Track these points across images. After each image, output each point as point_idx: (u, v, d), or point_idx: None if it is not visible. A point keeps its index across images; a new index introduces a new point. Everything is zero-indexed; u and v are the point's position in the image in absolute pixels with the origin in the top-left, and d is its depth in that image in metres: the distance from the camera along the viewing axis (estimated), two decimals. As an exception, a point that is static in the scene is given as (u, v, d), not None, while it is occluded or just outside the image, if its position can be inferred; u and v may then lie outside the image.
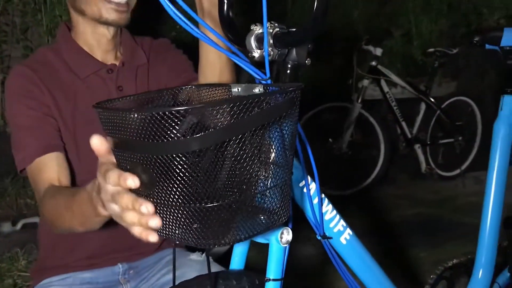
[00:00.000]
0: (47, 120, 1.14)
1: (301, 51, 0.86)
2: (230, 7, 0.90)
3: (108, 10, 1.15)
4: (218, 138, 0.65)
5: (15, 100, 1.14)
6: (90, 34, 1.21)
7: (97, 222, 0.87)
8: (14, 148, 1.15)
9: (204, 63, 1.09)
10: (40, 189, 1.09)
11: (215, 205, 0.68)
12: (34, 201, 2.66)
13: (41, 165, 1.10)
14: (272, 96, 0.70)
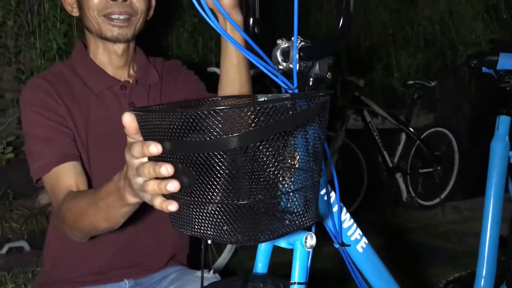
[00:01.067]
0: (63, 130, 1.16)
1: (323, 64, 0.92)
2: (255, 24, 0.95)
3: (107, 27, 1.19)
4: (254, 138, 0.69)
5: (31, 111, 1.15)
6: (101, 50, 1.25)
7: (121, 214, 0.88)
8: (30, 158, 1.16)
9: (225, 80, 1.13)
10: (58, 196, 1.09)
11: (245, 203, 0.72)
12: (19, 225, 2.61)
13: (59, 173, 1.11)
14: (300, 102, 0.75)
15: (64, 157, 1.12)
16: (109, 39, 1.21)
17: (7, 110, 2.62)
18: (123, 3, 1.18)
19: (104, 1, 1.17)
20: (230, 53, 1.10)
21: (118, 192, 0.81)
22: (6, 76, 2.58)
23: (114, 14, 1.18)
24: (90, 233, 1.04)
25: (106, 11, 1.18)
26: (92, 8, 1.18)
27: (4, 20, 2.46)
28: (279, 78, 0.87)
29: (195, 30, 2.99)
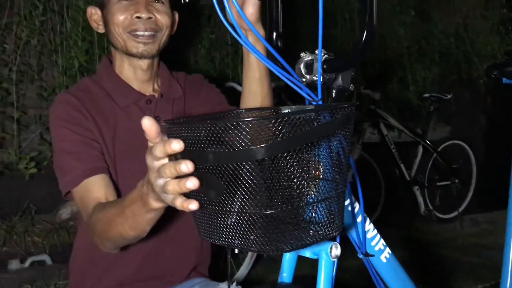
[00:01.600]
0: (91, 144, 1.18)
1: (346, 77, 0.94)
2: (278, 37, 0.98)
3: (132, 43, 1.22)
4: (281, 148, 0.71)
5: (60, 125, 1.18)
6: (126, 66, 1.28)
7: (147, 221, 0.89)
8: (59, 171, 1.19)
9: (247, 93, 1.15)
10: (88, 208, 1.11)
11: (271, 213, 0.73)
12: (41, 239, 2.65)
13: (88, 186, 1.13)
14: (324, 114, 0.77)
15: (93, 170, 1.15)
16: (134, 55, 1.24)
17: (30, 127, 2.67)
18: (148, 20, 1.21)
19: (130, 18, 1.20)
20: (252, 67, 1.12)
21: (142, 199, 0.82)
22: (29, 93, 2.64)
23: (139, 30, 1.21)
24: (119, 242, 1.05)
25: (131, 28, 1.21)
26: (118, 25, 1.21)
27: (28, 39, 2.53)
28: (303, 90, 0.89)
29: (212, 47, 3.05)
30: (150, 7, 1.21)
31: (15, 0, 2.48)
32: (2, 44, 2.49)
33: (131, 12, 1.20)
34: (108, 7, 1.22)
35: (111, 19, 1.22)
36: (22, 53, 2.54)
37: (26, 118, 2.66)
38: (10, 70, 2.50)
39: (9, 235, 2.58)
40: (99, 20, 1.28)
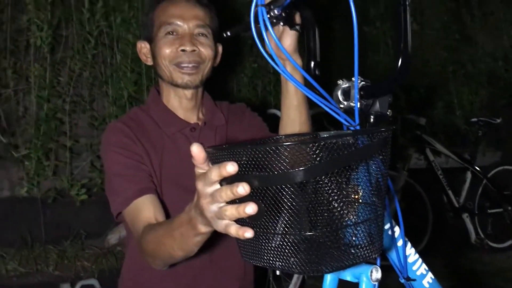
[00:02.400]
0: (140, 166, 1.24)
1: (383, 102, 0.95)
2: (316, 66, 1.01)
3: (178, 75, 1.29)
4: (319, 171, 0.72)
5: (111, 150, 1.25)
6: (172, 95, 1.34)
7: (195, 243, 0.91)
8: (110, 194, 1.24)
9: (285, 120, 1.18)
10: (138, 228, 1.15)
11: (310, 235, 0.75)
12: (90, 263, 2.74)
13: (138, 206, 1.17)
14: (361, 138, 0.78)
15: (142, 190, 1.20)
16: (179, 85, 1.30)
17: (82, 155, 2.80)
18: (192, 53, 1.27)
19: (175, 51, 1.27)
20: (290, 94, 1.15)
21: (190, 222, 0.84)
22: (81, 123, 2.79)
23: (184, 63, 1.28)
24: (169, 261, 1.08)
25: (176, 60, 1.28)
26: (164, 58, 1.28)
27: (81, 72, 2.68)
28: (341, 116, 0.91)
29: (254, 75, 3.12)
30: (194, 40, 1.28)
31: (69, 36, 2.64)
32: (57, 77, 2.65)
33: (177, 45, 1.27)
34: (156, 41, 1.30)
35: (159, 52, 1.29)
36: (75, 85, 2.69)
37: (78, 147, 2.79)
38: (64, 101, 2.65)
39: (60, 259, 2.68)
40: (147, 53, 1.35)
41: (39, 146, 2.52)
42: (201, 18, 1.30)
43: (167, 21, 1.28)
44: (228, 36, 1.07)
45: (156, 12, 1.31)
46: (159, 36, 1.29)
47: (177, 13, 1.28)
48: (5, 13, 2.44)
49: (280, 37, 1.07)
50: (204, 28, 1.30)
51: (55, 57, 2.61)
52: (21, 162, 2.58)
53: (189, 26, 1.28)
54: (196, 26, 1.29)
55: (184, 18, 1.28)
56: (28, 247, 2.67)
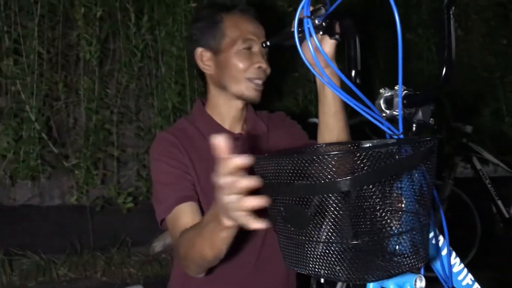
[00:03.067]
0: (185, 176, 1.28)
1: (426, 111, 0.94)
2: (357, 75, 1.01)
3: (249, 89, 1.32)
4: (366, 181, 0.73)
5: (159, 160, 1.30)
6: (224, 106, 1.37)
7: (222, 240, 0.94)
8: (156, 202, 1.29)
9: (323, 128, 1.18)
10: (176, 234, 1.19)
11: (355, 244, 0.75)
12: (136, 270, 2.81)
13: (178, 213, 1.21)
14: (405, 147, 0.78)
15: (183, 198, 1.23)
16: (247, 99, 1.35)
17: (128, 164, 2.89)
18: (264, 71, 1.33)
19: (252, 67, 1.31)
20: (328, 102, 1.15)
21: (216, 217, 0.87)
22: (128, 133, 2.87)
23: (257, 79, 1.33)
24: (200, 264, 1.10)
25: (251, 75, 1.32)
26: (239, 71, 1.31)
27: (128, 84, 2.77)
28: (384, 125, 0.91)
29: (295, 84, 3.13)
30: (264, 58, 1.33)
31: (117, 50, 2.74)
32: (105, 89, 2.75)
33: (252, 61, 1.31)
34: (226, 52, 1.32)
35: (233, 65, 1.32)
36: (122, 96, 2.78)
37: (125, 156, 2.88)
38: (112, 112, 2.74)
39: (107, 265, 2.77)
40: (208, 61, 1.37)
41: (88, 156, 2.62)
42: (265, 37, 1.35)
43: (244, 37, 1.31)
44: (268, 46, 1.09)
45: (227, 23, 1.34)
46: (234, 49, 1.31)
47: (252, 30, 1.33)
48: (57, 30, 2.56)
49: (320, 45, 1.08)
50: (267, 48, 1.32)
51: (103, 70, 2.71)
52: (71, 172, 2.69)
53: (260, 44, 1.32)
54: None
55: (258, 36, 1.33)
56: (78, 253, 2.77)
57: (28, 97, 2.43)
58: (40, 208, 2.83)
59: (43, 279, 2.63)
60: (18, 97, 2.44)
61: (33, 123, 2.45)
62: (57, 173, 2.76)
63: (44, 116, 2.52)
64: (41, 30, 2.47)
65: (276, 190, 0.79)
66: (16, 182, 2.60)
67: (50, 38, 2.54)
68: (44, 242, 2.76)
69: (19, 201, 2.73)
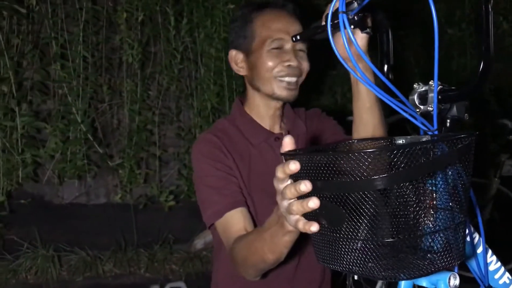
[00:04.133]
0: (231, 179, 1.27)
1: (460, 106, 0.93)
2: (389, 70, 1.01)
3: (280, 88, 1.30)
4: (402, 179, 0.72)
5: (203, 162, 1.29)
6: (262, 106, 1.36)
7: (284, 244, 0.94)
8: (202, 204, 1.28)
9: (358, 123, 1.16)
10: (229, 241, 1.19)
11: (389, 241, 0.75)
12: (178, 266, 2.88)
13: (229, 219, 1.20)
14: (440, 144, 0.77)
15: (233, 204, 1.22)
16: (278, 98, 1.32)
17: (170, 163, 2.96)
18: (296, 68, 1.29)
19: (281, 66, 1.29)
20: (362, 97, 1.13)
21: (279, 221, 0.88)
22: (169, 133, 2.95)
23: (288, 77, 1.29)
24: (260, 267, 1.09)
25: (280, 74, 1.29)
26: (268, 71, 1.29)
27: (168, 86, 2.84)
28: (418, 120, 0.90)
29: (333, 83, 3.12)
30: (297, 55, 1.30)
31: (158, 52, 2.82)
32: (147, 91, 2.83)
33: (281, 59, 1.28)
34: (257, 53, 1.31)
35: (262, 65, 1.30)
36: (163, 98, 2.86)
37: (166, 156, 2.95)
38: (153, 113, 2.82)
39: (151, 262, 2.85)
40: (241, 63, 1.36)
41: (131, 156, 2.70)
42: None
43: (274, 36, 1.29)
44: (298, 40, 1.09)
45: (257, 23, 1.32)
46: (264, 49, 1.29)
47: (282, 28, 1.29)
48: (101, 34, 2.65)
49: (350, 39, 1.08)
50: (303, 44, 1.32)
51: (145, 72, 2.79)
52: (116, 171, 2.78)
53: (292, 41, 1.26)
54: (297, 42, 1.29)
55: (289, 33, 1.28)
56: (122, 250, 2.86)
57: (74, 100, 2.53)
58: (86, 207, 2.95)
59: (90, 274, 2.74)
60: (65, 100, 2.55)
61: (79, 124, 2.55)
62: (102, 172, 2.87)
63: (89, 117, 2.62)
64: (86, 35, 2.56)
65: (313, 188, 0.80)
66: (63, 181, 2.71)
67: (95, 43, 2.64)
68: (91, 239, 2.87)
69: (67, 200, 2.85)
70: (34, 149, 2.47)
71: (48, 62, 2.53)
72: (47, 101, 2.64)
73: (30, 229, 2.75)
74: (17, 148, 2.40)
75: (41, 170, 2.66)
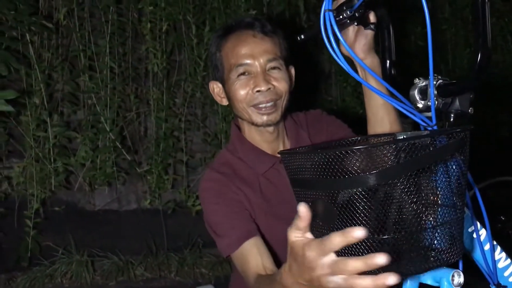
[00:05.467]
0: (240, 211, 1.26)
1: (463, 100, 0.92)
2: (392, 66, 1.01)
3: (257, 115, 1.27)
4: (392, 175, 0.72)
5: (211, 202, 1.28)
6: (255, 134, 1.34)
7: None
8: (214, 236, 1.27)
9: (373, 121, 1.16)
10: (248, 277, 1.18)
11: (388, 238, 0.75)
12: (207, 270, 2.91)
13: (245, 253, 1.19)
14: (439, 138, 0.77)
15: (247, 233, 1.21)
16: (259, 125, 1.29)
17: (197, 168, 3.01)
18: (268, 92, 1.25)
19: (251, 93, 1.25)
20: (374, 94, 1.11)
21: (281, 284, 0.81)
22: (195, 139, 2.99)
23: (262, 103, 1.26)
24: None
25: (253, 102, 1.26)
26: (241, 101, 1.27)
27: (193, 93, 2.89)
28: (416, 116, 0.90)
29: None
30: (268, 77, 1.25)
31: (182, 61, 2.87)
32: (173, 98, 2.89)
33: (251, 86, 1.25)
34: (229, 83, 1.28)
35: (234, 95, 1.28)
36: (188, 105, 2.90)
37: (193, 161, 3.00)
38: (180, 120, 2.88)
39: (181, 266, 2.89)
40: (221, 94, 1.34)
41: (159, 162, 2.76)
42: (271, 51, 1.26)
43: (237, 62, 1.24)
44: (302, 39, 1.10)
45: (224, 51, 1.29)
46: (232, 78, 1.26)
47: (246, 52, 1.24)
48: (127, 45, 2.73)
49: (355, 37, 1.08)
50: (276, 61, 1.26)
51: (170, 81, 2.85)
52: (144, 177, 2.85)
53: (260, 63, 1.24)
54: (268, 61, 1.25)
55: (254, 56, 1.24)
56: (153, 254, 2.92)
57: (103, 109, 2.61)
58: (118, 213, 3.03)
59: (122, 278, 2.80)
60: (94, 110, 2.63)
61: (108, 133, 2.62)
62: (133, 179, 2.94)
63: (117, 126, 2.69)
64: (112, 47, 2.64)
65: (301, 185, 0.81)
66: (94, 189, 2.79)
67: (121, 53, 2.72)
68: (123, 244, 2.94)
69: (98, 206, 2.93)
70: (65, 158, 2.56)
71: (77, 74, 2.62)
72: (77, 112, 2.73)
73: (65, 235, 2.85)
74: (49, 157, 2.50)
75: (74, 178, 2.76)
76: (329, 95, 3.19)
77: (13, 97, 1.80)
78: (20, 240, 2.56)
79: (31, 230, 2.51)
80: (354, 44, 1.10)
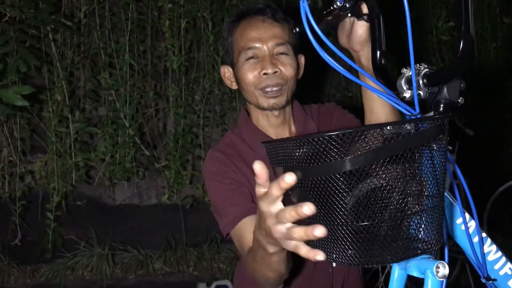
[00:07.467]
0: (241, 190, 1.26)
1: (452, 89, 0.90)
2: (382, 56, 0.99)
3: (263, 99, 1.28)
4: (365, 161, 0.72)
5: (213, 180, 1.29)
6: (260, 117, 1.35)
7: (276, 263, 0.91)
8: (217, 216, 1.29)
9: (369, 114, 1.15)
10: (243, 252, 1.18)
11: (366, 225, 0.74)
12: (225, 265, 2.94)
13: (242, 229, 1.19)
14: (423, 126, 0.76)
15: (244, 212, 1.21)
16: (265, 109, 1.30)
17: (216, 165, 3.03)
18: (274, 75, 1.26)
19: (258, 76, 1.26)
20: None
21: (260, 246, 0.85)
22: (214, 135, 3.02)
23: (268, 87, 1.27)
24: (271, 283, 1.07)
25: (260, 85, 1.27)
26: (249, 84, 1.28)
27: (211, 89, 2.91)
28: (400, 106, 0.89)
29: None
30: (275, 61, 1.27)
31: (201, 57, 2.91)
32: (192, 95, 2.92)
33: (258, 69, 1.26)
34: (238, 66, 1.30)
35: (242, 78, 1.29)
36: (207, 101, 2.93)
37: (212, 158, 3.02)
38: (198, 116, 2.91)
39: (199, 261, 2.93)
40: (231, 78, 1.36)
41: (178, 158, 2.80)
42: (279, 36, 1.28)
43: (246, 46, 1.27)
44: (298, 32, 1.09)
45: (235, 36, 1.31)
46: (240, 61, 1.28)
47: (255, 36, 1.27)
48: (146, 42, 2.78)
49: (352, 28, 1.07)
50: (284, 45, 1.28)
51: (189, 77, 2.88)
52: (163, 172, 2.89)
53: (268, 47, 1.26)
54: (276, 46, 1.27)
55: (263, 40, 1.26)
56: (172, 249, 2.97)
57: (123, 106, 2.67)
58: (139, 207, 3.09)
59: (142, 272, 2.87)
60: (113, 106, 2.69)
61: (127, 129, 2.68)
62: (152, 175, 2.99)
63: (137, 122, 2.75)
64: (131, 44, 2.70)
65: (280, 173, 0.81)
66: (114, 183, 2.86)
67: (140, 51, 2.77)
68: (143, 238, 3.00)
69: (118, 201, 3.00)
70: (86, 153, 2.64)
71: (98, 71, 2.69)
72: (98, 108, 2.80)
73: (87, 229, 2.93)
74: (70, 152, 2.57)
75: (95, 173, 2.83)
76: (350, 91, 3.16)
77: (28, 93, 1.86)
78: (43, 233, 2.65)
79: (51, 222, 2.59)
80: (351, 36, 1.09)
